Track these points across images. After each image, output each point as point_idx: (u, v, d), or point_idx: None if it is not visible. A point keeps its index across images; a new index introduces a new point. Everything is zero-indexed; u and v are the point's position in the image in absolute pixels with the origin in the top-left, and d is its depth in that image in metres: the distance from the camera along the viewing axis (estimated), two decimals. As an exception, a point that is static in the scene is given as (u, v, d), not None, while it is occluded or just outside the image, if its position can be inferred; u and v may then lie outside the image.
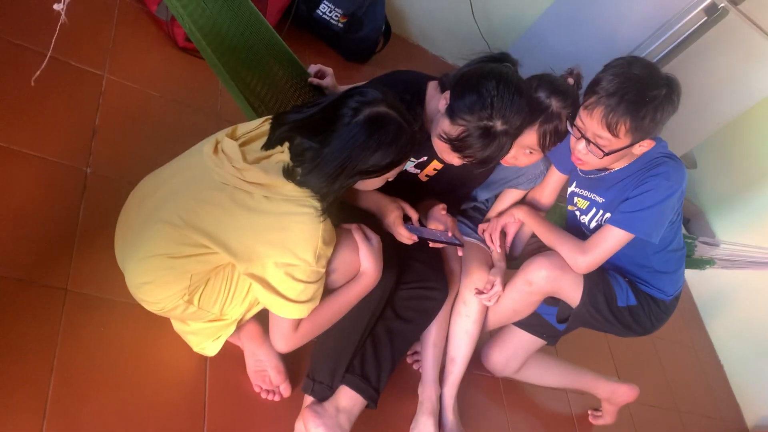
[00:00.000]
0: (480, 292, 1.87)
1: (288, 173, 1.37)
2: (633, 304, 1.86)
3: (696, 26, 2.25)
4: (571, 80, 1.73)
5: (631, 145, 1.58)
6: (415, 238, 1.65)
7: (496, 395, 2.26)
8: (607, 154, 1.60)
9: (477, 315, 1.93)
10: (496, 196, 2.05)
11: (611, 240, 1.70)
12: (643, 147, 1.62)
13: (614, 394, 2.32)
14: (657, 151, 1.67)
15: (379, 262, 1.56)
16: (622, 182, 1.74)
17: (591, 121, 1.57)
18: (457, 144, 1.57)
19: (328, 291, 1.52)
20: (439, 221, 1.76)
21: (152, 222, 1.43)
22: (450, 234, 1.72)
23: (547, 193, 2.00)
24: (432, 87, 1.75)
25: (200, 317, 1.53)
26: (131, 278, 1.49)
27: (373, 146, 1.36)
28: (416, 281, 1.74)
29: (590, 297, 1.80)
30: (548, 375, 2.24)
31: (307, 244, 1.37)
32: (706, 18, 2.23)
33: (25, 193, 1.67)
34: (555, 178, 1.97)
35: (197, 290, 1.46)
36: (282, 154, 1.41)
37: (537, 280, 1.80)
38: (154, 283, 1.45)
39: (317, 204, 1.38)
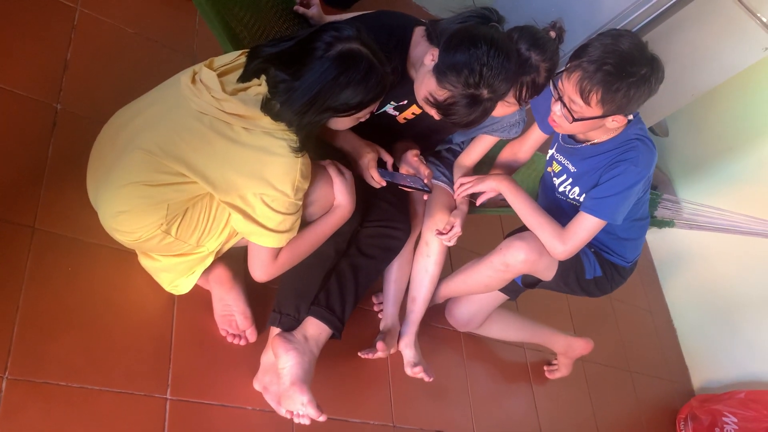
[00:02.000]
0: (440, 233, 1.91)
1: (266, 106, 1.38)
2: (599, 275, 1.93)
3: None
4: (552, 33, 1.74)
5: (603, 117, 1.60)
6: (384, 183, 1.69)
7: (456, 347, 2.34)
8: (575, 120, 1.63)
9: (438, 256, 1.99)
10: (471, 140, 2.08)
11: (585, 226, 1.75)
12: (617, 122, 1.64)
13: (570, 347, 2.41)
14: (632, 132, 1.70)
15: (352, 195, 1.61)
16: (595, 158, 1.77)
17: (568, 84, 1.59)
18: (442, 108, 1.58)
19: (304, 223, 1.56)
20: (412, 167, 1.80)
21: (128, 150, 1.43)
22: (426, 181, 1.76)
23: (525, 148, 2.05)
24: (418, 33, 1.75)
25: (176, 249, 1.54)
26: (106, 207, 1.48)
27: (342, 83, 1.37)
28: (381, 220, 1.79)
29: (562, 275, 1.88)
30: (509, 330, 2.32)
31: (285, 177, 1.40)
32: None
33: (-8, 126, 1.64)
34: (535, 135, 2.01)
35: (175, 220, 1.47)
36: (260, 87, 1.41)
37: (514, 263, 1.84)
38: (130, 212, 1.45)
39: (294, 137, 1.40)
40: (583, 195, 1.84)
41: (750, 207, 3.17)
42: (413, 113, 1.84)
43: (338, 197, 1.59)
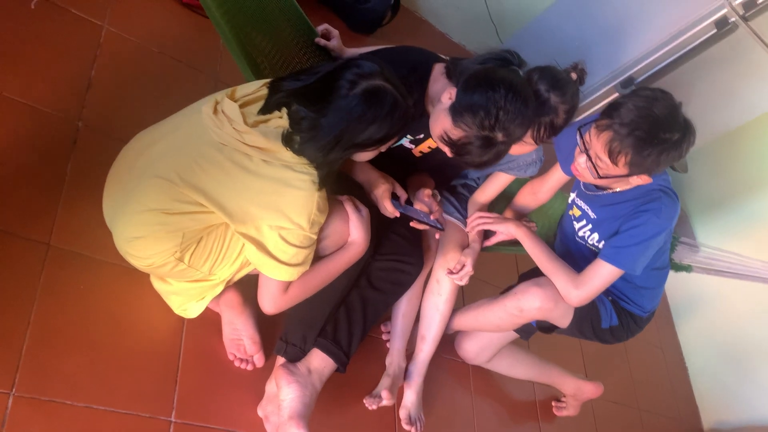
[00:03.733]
0: (451, 273, 1.90)
1: (287, 140, 1.38)
2: (615, 324, 1.91)
3: (704, 38, 2.24)
4: (574, 75, 1.73)
5: (628, 176, 1.60)
6: (398, 214, 1.69)
7: (464, 380, 2.31)
8: (601, 177, 1.63)
9: (449, 294, 1.98)
10: (487, 176, 2.07)
11: (602, 274, 1.73)
12: (641, 181, 1.63)
13: (579, 390, 2.38)
14: (656, 182, 1.68)
15: (368, 232, 1.61)
16: (616, 206, 1.76)
17: (597, 142, 1.58)
18: (455, 148, 1.58)
19: (317, 257, 1.56)
20: (425, 204, 1.79)
21: (147, 176, 1.44)
22: (433, 217, 1.75)
23: (545, 188, 2.04)
24: (438, 69, 1.75)
25: (188, 276, 1.55)
26: (122, 231, 1.49)
27: (368, 119, 1.39)
28: (393, 254, 1.78)
29: (578, 323, 1.87)
30: (518, 367, 2.29)
31: (302, 210, 1.40)
32: (715, 31, 2.21)
33: (13, 141, 1.66)
34: (557, 176, 2.00)
35: (189, 248, 1.48)
36: (281, 120, 1.42)
37: (528, 309, 1.83)
38: (145, 238, 1.46)
39: (314, 172, 1.40)
40: (603, 242, 1.83)
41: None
42: (429, 147, 1.84)
43: (353, 234, 1.59)
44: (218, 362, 1.73)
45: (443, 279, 1.94)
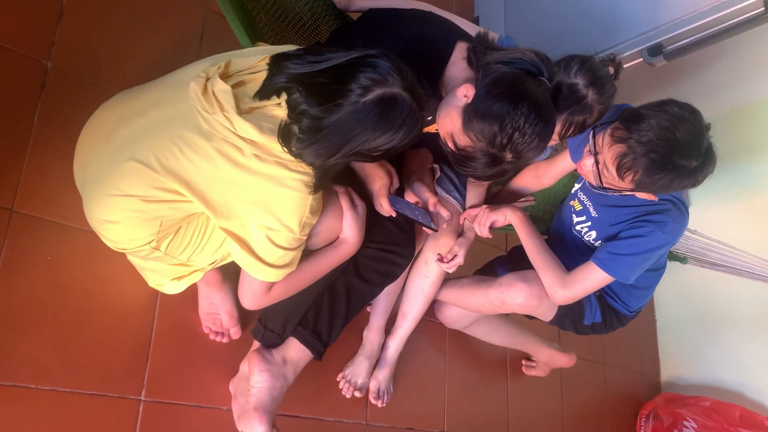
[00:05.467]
0: (441, 260, 1.83)
1: (284, 136, 1.22)
2: (597, 321, 1.87)
3: (750, 15, 2.02)
4: (611, 68, 1.59)
5: (632, 191, 1.51)
6: (394, 214, 1.57)
7: (440, 341, 2.30)
8: (602, 188, 1.54)
9: (435, 278, 1.91)
10: None
11: (592, 278, 1.67)
12: (645, 196, 1.55)
13: (552, 359, 2.40)
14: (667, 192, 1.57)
15: (362, 232, 1.50)
16: (620, 209, 1.67)
17: (608, 151, 1.47)
18: (459, 155, 1.43)
19: (305, 252, 1.44)
20: (421, 197, 1.68)
21: (124, 157, 1.27)
22: (431, 208, 1.66)
23: (550, 174, 1.93)
24: (459, 50, 1.56)
25: (165, 261, 1.44)
26: (93, 212, 1.36)
27: (379, 130, 1.23)
28: (384, 242, 1.67)
29: (560, 318, 1.84)
30: (494, 335, 2.28)
31: (293, 212, 1.28)
32: (762, 9, 2.00)
33: (-28, 85, 1.46)
34: (564, 164, 1.88)
35: (166, 237, 1.36)
36: (278, 108, 1.25)
37: (511, 303, 1.79)
38: (119, 224, 1.33)
39: (310, 172, 1.27)
40: (599, 241, 1.76)
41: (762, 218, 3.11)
42: (436, 129, 1.68)
43: (346, 232, 1.47)
44: (192, 336, 1.66)
45: (432, 262, 1.86)
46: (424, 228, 1.67)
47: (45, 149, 1.51)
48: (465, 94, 1.40)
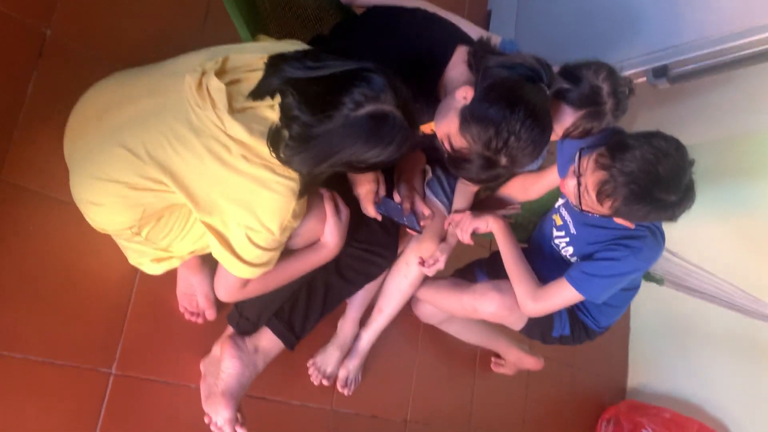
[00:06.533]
0: (422, 263, 1.85)
1: (272, 140, 1.23)
2: (566, 334, 1.91)
3: (760, 49, 2.01)
4: (627, 89, 1.60)
5: (610, 216, 1.54)
6: (380, 218, 1.60)
7: (413, 334, 2.34)
8: (581, 210, 1.57)
9: (414, 279, 1.94)
10: None
11: (563, 295, 1.71)
12: (623, 223, 1.58)
13: (520, 360, 2.45)
14: None
15: (342, 238, 1.52)
16: (598, 229, 1.72)
17: (591, 176, 1.50)
18: (454, 157, 1.44)
19: (285, 251, 1.46)
20: (405, 198, 1.69)
21: (113, 143, 1.28)
22: (420, 213, 1.69)
23: (538, 187, 1.95)
24: (460, 53, 1.56)
25: (145, 246, 1.46)
26: (78, 192, 1.37)
27: (368, 145, 1.24)
28: (367, 242, 1.70)
29: (528, 328, 1.87)
30: (466, 333, 2.32)
31: (275, 215, 1.30)
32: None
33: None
34: (552, 178, 1.90)
35: (147, 223, 1.38)
36: (271, 110, 1.25)
37: (482, 311, 1.83)
38: (102, 207, 1.35)
39: (296, 177, 1.28)
40: (575, 257, 1.79)
41: (746, 243, 3.14)
42: (432, 130, 1.69)
43: (327, 236, 1.49)
44: (168, 314, 1.69)
45: (412, 264, 1.88)
46: (408, 230, 1.69)
47: (37, 118, 1.50)
48: (464, 96, 1.40)
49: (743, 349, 3.11)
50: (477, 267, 2.16)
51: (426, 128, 1.70)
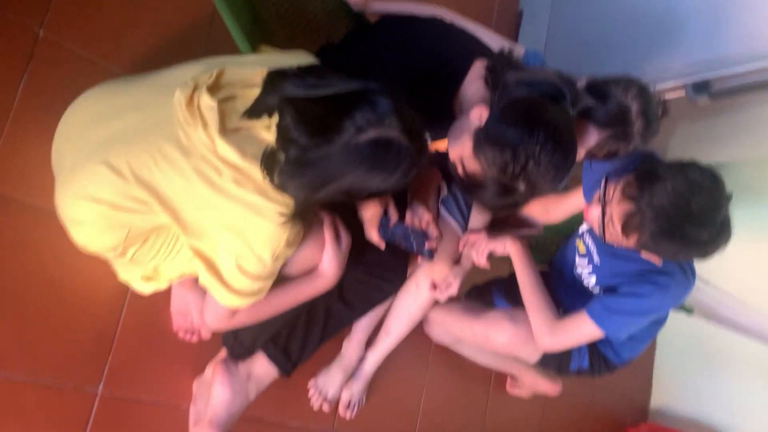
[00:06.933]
0: (434, 288, 1.75)
1: (267, 164, 1.13)
2: (584, 367, 1.78)
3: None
4: (660, 109, 1.47)
5: (636, 251, 1.42)
6: (383, 245, 1.48)
7: (424, 354, 2.23)
8: (605, 242, 1.45)
9: (424, 303, 1.83)
10: None
11: (582, 330, 1.59)
12: (649, 258, 1.46)
13: (537, 385, 2.33)
14: None
15: (341, 268, 1.41)
16: (624, 262, 1.59)
17: (617, 206, 1.38)
18: (468, 182, 1.32)
19: (279, 279, 1.36)
20: (417, 215, 1.57)
21: (97, 160, 1.19)
22: (428, 246, 1.53)
23: (560, 211, 1.83)
24: (477, 68, 1.44)
25: (131, 266, 1.37)
26: (61, 208, 1.29)
27: (371, 173, 1.14)
28: (375, 265, 1.59)
29: (543, 361, 1.76)
30: (480, 355, 2.21)
31: (267, 243, 1.20)
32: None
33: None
34: (576, 202, 1.77)
35: (133, 245, 1.29)
36: (267, 131, 1.15)
37: (495, 342, 1.73)
38: (85, 226, 1.26)
39: (291, 203, 1.17)
40: (598, 288, 1.66)
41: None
42: (446, 148, 1.57)
43: (325, 265, 1.38)
44: (161, 331, 1.61)
45: (423, 287, 1.77)
46: (419, 257, 1.58)
47: (25, 125, 1.42)
48: (479, 115, 1.28)
49: (775, 376, 2.94)
50: (495, 287, 2.04)
51: (441, 145, 1.58)
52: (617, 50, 2.32)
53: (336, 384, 1.87)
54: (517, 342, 1.68)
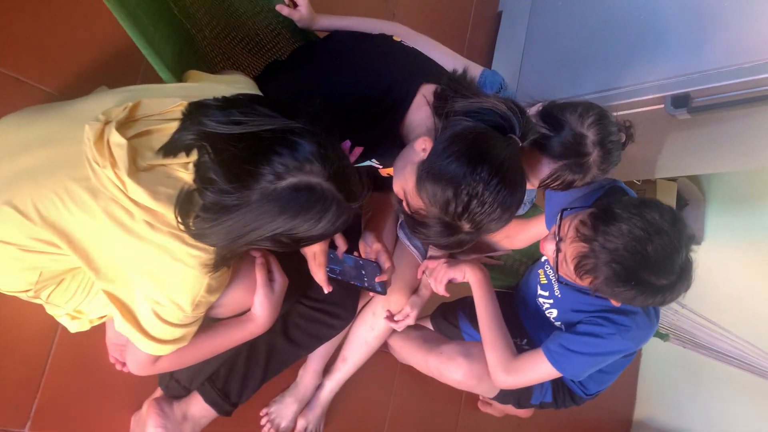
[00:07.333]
0: (390, 318, 1.66)
1: (183, 208, 1.03)
2: (547, 401, 1.70)
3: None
4: (622, 136, 1.38)
5: (589, 294, 1.32)
6: (329, 288, 1.37)
7: (389, 375, 2.15)
8: (558, 280, 1.38)
9: (381, 332, 1.76)
10: None
11: (539, 370, 1.50)
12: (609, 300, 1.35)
13: (506, 408, 2.25)
14: None
15: (275, 312, 1.30)
16: (585, 296, 1.48)
17: (570, 245, 1.28)
18: (412, 218, 1.22)
19: (206, 320, 1.26)
20: (368, 245, 1.48)
21: (2, 200, 1.08)
22: (373, 257, 1.46)
23: (523, 237, 1.74)
24: (424, 92, 1.32)
25: (50, 308, 1.28)
26: None
27: (293, 220, 1.03)
28: (323, 302, 1.50)
29: (501, 396, 1.68)
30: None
31: (185, 291, 1.10)
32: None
33: None
34: (538, 230, 1.69)
35: (46, 287, 1.20)
36: (184, 170, 1.05)
37: (448, 377, 1.66)
38: None
39: (210, 249, 1.07)
40: (559, 323, 1.58)
41: None
42: None
43: (256, 310, 1.28)
44: (95, 365, 1.53)
45: (379, 315, 1.69)
46: (370, 293, 1.49)
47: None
48: (423, 147, 1.18)
49: (760, 392, 2.84)
50: (461, 310, 1.94)
51: (391, 171, 1.48)
52: (596, 57, 2.21)
53: (290, 414, 1.78)
54: (471, 379, 1.61)
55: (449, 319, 1.92)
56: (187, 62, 1.27)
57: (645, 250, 1.17)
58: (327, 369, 1.84)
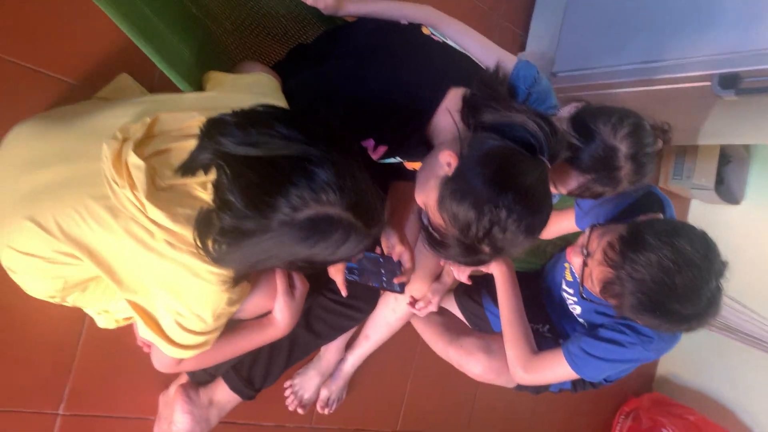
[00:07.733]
0: (413, 304, 1.67)
1: (201, 230, 1.02)
2: (566, 388, 1.71)
3: None
4: (660, 143, 1.31)
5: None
6: (345, 292, 1.39)
7: (412, 341, 2.18)
8: (583, 298, 1.35)
9: (403, 314, 1.78)
10: None
11: (557, 370, 1.51)
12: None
13: None
14: None
15: (294, 318, 1.32)
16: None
17: (596, 266, 1.26)
18: (432, 236, 1.19)
19: (229, 322, 1.27)
20: (393, 248, 1.45)
21: (24, 214, 1.09)
22: (395, 256, 1.43)
23: (551, 230, 1.69)
24: (452, 98, 1.26)
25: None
26: None
27: (313, 248, 1.02)
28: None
29: (520, 386, 1.69)
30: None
31: (206, 305, 1.12)
32: None
33: None
34: (567, 224, 1.65)
35: (71, 293, 1.22)
36: (202, 189, 1.05)
37: (468, 370, 1.68)
38: (18, 275, 1.20)
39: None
40: (582, 321, 1.57)
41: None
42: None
43: (277, 314, 1.29)
44: (123, 348, 1.57)
45: (402, 300, 1.69)
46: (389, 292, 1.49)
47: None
48: (448, 162, 1.13)
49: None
50: (484, 287, 1.94)
51: (417, 165, 1.44)
52: (644, 23, 2.07)
53: (312, 387, 1.84)
54: (490, 373, 1.63)
55: (473, 296, 1.92)
56: (206, 60, 1.22)
57: (673, 282, 1.14)
58: (349, 344, 1.88)
